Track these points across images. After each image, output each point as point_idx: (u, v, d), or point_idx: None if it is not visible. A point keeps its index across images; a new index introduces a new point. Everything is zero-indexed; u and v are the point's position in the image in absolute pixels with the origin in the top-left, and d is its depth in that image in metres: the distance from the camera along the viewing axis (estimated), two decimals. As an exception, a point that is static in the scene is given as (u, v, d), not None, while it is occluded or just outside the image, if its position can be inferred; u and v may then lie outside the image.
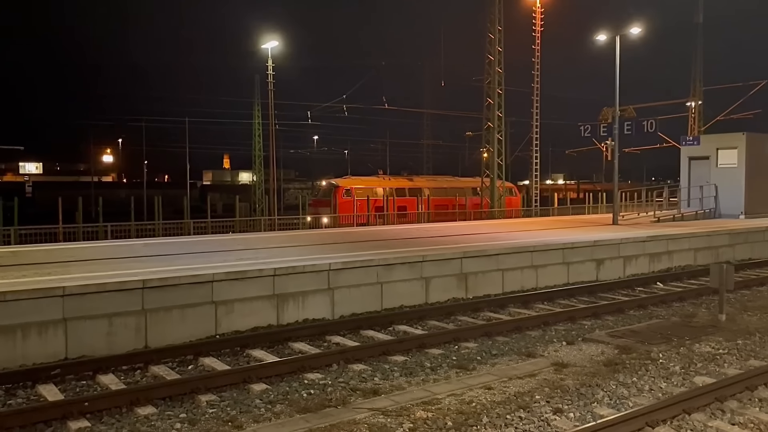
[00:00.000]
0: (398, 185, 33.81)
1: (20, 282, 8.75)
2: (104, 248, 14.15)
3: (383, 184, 33.34)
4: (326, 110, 44.09)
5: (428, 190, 34.28)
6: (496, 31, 33.81)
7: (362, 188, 32.00)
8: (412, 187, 34.05)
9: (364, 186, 32.36)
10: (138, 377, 7.68)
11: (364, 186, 32.39)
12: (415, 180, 35.68)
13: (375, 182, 33.73)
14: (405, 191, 33.41)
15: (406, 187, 33.89)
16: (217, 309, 9.62)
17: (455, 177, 39.19)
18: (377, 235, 17.38)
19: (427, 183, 35.40)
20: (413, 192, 33.51)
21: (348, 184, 32.13)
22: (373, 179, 34.82)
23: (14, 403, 6.75)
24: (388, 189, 32.84)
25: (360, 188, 31.94)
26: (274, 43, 34.15)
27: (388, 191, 32.59)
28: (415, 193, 33.33)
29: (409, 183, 34.55)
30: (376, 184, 33.25)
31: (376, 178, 35.50)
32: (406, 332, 9.88)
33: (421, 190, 34.01)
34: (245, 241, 16.08)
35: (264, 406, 6.62)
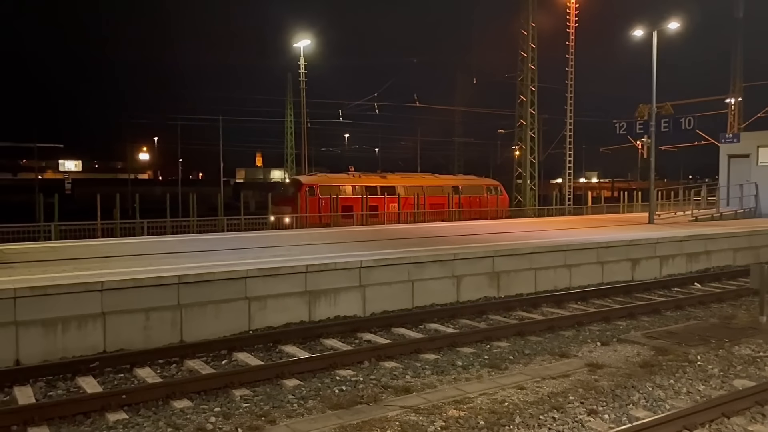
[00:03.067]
0: (369, 183, 31.23)
1: (61, 276, 8.99)
2: (141, 244, 14.44)
3: (353, 181, 30.95)
4: (358, 108, 44.20)
5: (403, 189, 31.73)
6: (530, 28, 33.43)
7: (328, 186, 29.59)
8: (385, 185, 31.58)
9: (330, 183, 29.96)
10: (174, 371, 7.81)
11: (331, 183, 30.00)
12: (388, 177, 32.92)
13: (343, 180, 31.32)
14: (377, 189, 30.89)
15: (378, 185, 31.38)
16: (251, 305, 9.73)
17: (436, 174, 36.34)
18: (409, 232, 17.37)
19: (403, 180, 32.70)
20: (386, 190, 31.05)
21: (313, 182, 29.89)
22: (342, 176, 32.61)
23: (55, 395, 6.93)
24: (358, 187, 30.35)
25: (326, 186, 29.58)
26: (307, 42, 34.35)
27: (358, 189, 30.02)
28: (388, 191, 30.86)
29: (381, 180, 32.06)
30: (344, 181, 30.88)
31: (345, 175, 33.26)
32: (438, 330, 9.85)
33: (395, 188, 31.53)
34: (278, 237, 16.22)
35: (296, 401, 6.68)
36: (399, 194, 30.90)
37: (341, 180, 31.03)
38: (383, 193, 30.43)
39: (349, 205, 28.62)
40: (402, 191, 31.35)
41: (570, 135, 37.56)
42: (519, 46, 34.83)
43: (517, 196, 37.04)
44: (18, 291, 8.00)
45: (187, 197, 29.66)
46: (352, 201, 28.91)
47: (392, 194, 30.56)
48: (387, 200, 29.89)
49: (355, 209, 28.24)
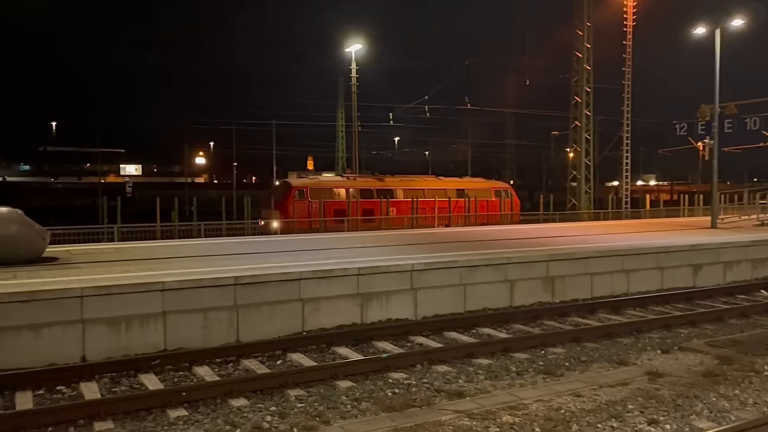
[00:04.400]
0: (364, 186, 29.39)
1: (124, 277, 9.34)
2: (198, 246, 14.85)
3: (346, 184, 29.22)
4: (408, 111, 44.25)
5: (402, 192, 29.80)
6: (585, 28, 32.77)
7: (319, 189, 27.82)
8: (381, 188, 29.56)
9: (321, 186, 28.22)
10: (231, 370, 7.99)
11: (322, 186, 28.26)
12: (386, 180, 30.84)
13: (336, 183, 29.64)
14: (372, 192, 28.89)
15: (374, 188, 29.37)
16: (304, 306, 9.86)
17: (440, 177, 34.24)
18: (461, 236, 17.26)
19: (402, 183, 30.73)
20: (383, 193, 29.00)
21: (303, 185, 28.29)
22: (335, 179, 31.03)
23: (119, 391, 7.19)
24: (353, 190, 28.48)
25: (316, 189, 27.80)
26: (358, 47, 34.65)
27: (352, 193, 28.20)
28: (385, 195, 28.88)
29: (378, 183, 30.13)
30: (337, 184, 29.23)
31: (340, 177, 31.68)
32: (491, 335, 9.75)
33: (393, 191, 29.55)
34: (330, 240, 16.40)
35: (350, 403, 6.73)
36: (397, 198, 29.10)
37: (334, 183, 29.41)
38: (380, 197, 28.55)
39: (341, 209, 27.16)
40: (401, 195, 29.57)
41: (627, 136, 36.56)
42: (574, 46, 34.15)
43: (571, 199, 36.28)
44: (84, 290, 8.35)
45: (242, 200, 30.36)
46: (345, 205, 27.35)
47: (391, 198, 28.87)
48: (384, 204, 28.24)
49: (347, 213, 26.71)
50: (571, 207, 35.97)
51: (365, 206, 27.55)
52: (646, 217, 33.28)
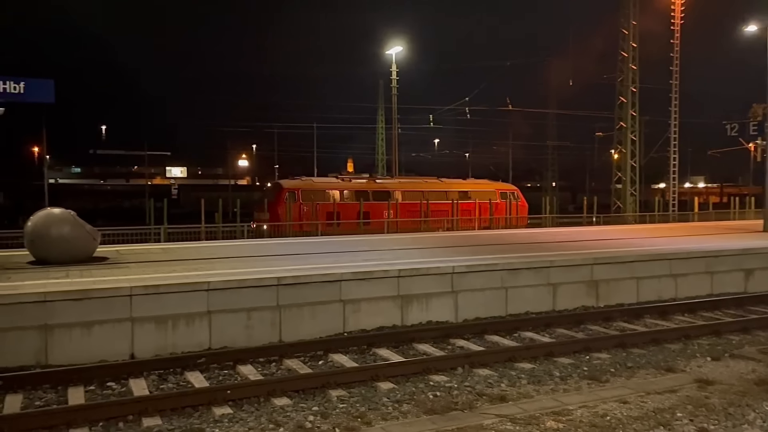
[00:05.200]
0: (359, 187, 28.24)
1: (171, 276, 9.57)
2: (241, 246, 15.11)
3: (340, 186, 28.15)
4: (448, 113, 44.08)
5: (399, 194, 28.55)
6: (631, 26, 32.08)
7: (311, 191, 26.86)
8: (378, 190, 28.41)
9: (314, 188, 27.27)
10: (273, 369, 8.09)
11: (315, 188, 27.30)
12: (384, 182, 29.91)
13: (330, 184, 28.52)
14: (368, 194, 27.69)
15: (370, 190, 28.19)
16: (345, 307, 9.92)
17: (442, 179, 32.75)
18: (501, 238, 17.11)
19: (399, 185, 29.52)
20: (379, 196, 27.89)
21: (294, 186, 27.12)
22: (329, 181, 29.91)
23: (166, 388, 7.37)
24: (347, 192, 27.55)
25: (308, 191, 26.78)
26: (399, 49, 34.70)
27: (346, 195, 27.31)
28: (382, 197, 27.77)
29: (374, 185, 28.99)
30: (331, 186, 28.10)
31: (334, 179, 30.47)
32: (533, 339, 9.63)
33: (390, 193, 28.46)
34: (370, 242, 16.47)
35: (391, 404, 6.74)
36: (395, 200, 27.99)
37: (327, 185, 28.35)
38: (376, 199, 27.42)
39: (335, 212, 26.10)
40: (399, 197, 28.44)
41: (674, 137, 35.61)
42: (619, 45, 33.47)
43: (616, 202, 35.52)
44: (134, 289, 8.59)
45: (284, 202, 30.72)
46: (339, 208, 26.33)
47: (389, 200, 27.75)
48: (380, 207, 27.05)
49: (343, 217, 25.79)
50: (615, 209, 35.22)
51: (361, 209, 26.24)
52: (695, 220, 32.32)
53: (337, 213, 26.15)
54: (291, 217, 24.70)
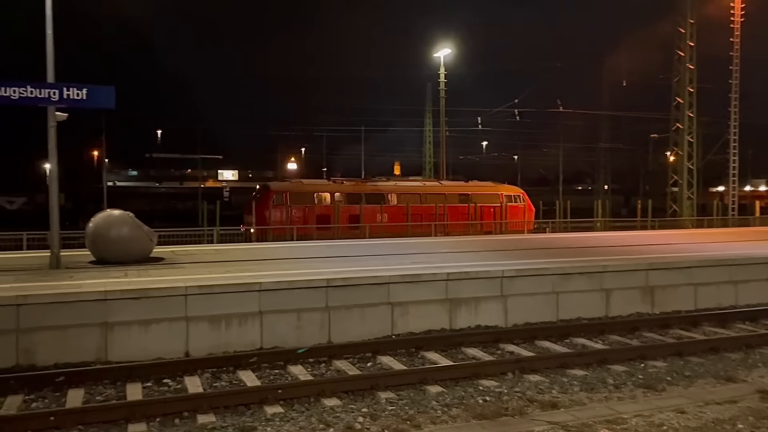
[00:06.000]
0: (351, 190, 27.15)
1: (224, 277, 9.79)
2: (292, 248, 15.33)
3: (331, 189, 27.13)
4: (497, 115, 43.65)
5: (395, 197, 27.46)
6: (688, 25, 31.08)
7: (300, 193, 25.93)
8: (371, 193, 27.21)
9: (302, 191, 26.29)
10: (323, 370, 8.17)
11: (304, 191, 26.33)
12: (378, 184, 28.63)
13: (320, 187, 27.60)
14: (361, 197, 26.52)
15: (363, 193, 26.98)
16: (393, 310, 9.94)
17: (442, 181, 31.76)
18: (552, 242, 16.82)
19: (395, 188, 28.33)
20: (372, 198, 26.73)
21: (282, 189, 26.28)
22: (319, 183, 29.14)
23: (219, 386, 7.54)
24: (338, 195, 26.45)
25: (297, 193, 25.86)
26: (447, 51, 34.58)
27: (337, 198, 26.25)
28: (375, 200, 26.67)
29: (367, 188, 27.79)
30: (321, 188, 27.15)
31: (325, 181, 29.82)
32: (585, 345, 9.42)
33: (384, 196, 27.31)
34: (418, 245, 16.44)
35: (440, 408, 6.71)
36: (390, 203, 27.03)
37: (317, 187, 27.47)
38: (369, 202, 26.38)
39: (325, 215, 25.29)
40: (394, 200, 27.39)
41: (734, 139, 34.28)
42: (675, 44, 32.46)
43: (672, 206, 34.42)
44: (189, 289, 8.83)
45: (332, 205, 31.03)
46: (330, 211, 25.38)
47: (383, 203, 26.78)
48: (373, 210, 26.09)
49: (334, 220, 24.96)
50: (671, 213, 34.14)
51: (352, 212, 25.40)
52: (756, 225, 31.02)
53: (327, 216, 25.28)
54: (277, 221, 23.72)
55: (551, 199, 40.51)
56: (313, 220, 24.57)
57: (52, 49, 11.03)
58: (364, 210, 25.55)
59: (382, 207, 26.39)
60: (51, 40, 11.02)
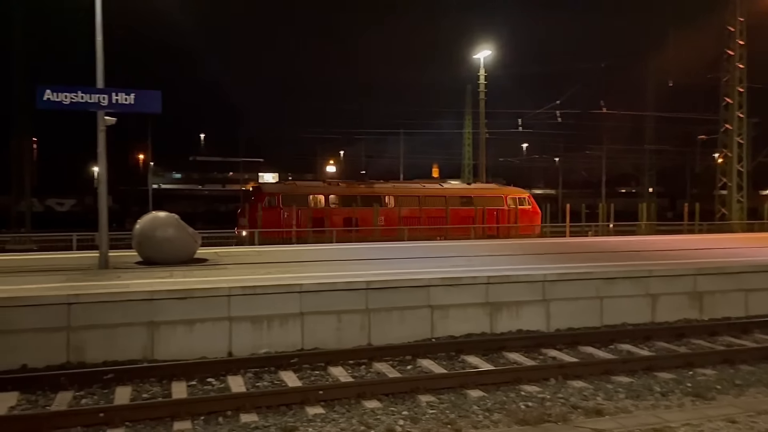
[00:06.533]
0: (347, 192, 26.41)
1: (266, 278, 9.92)
2: (332, 251, 15.44)
3: (325, 191, 26.34)
4: (538, 117, 43.09)
5: (393, 199, 26.59)
6: (737, 23, 30.12)
7: (292, 195, 25.26)
8: (367, 195, 26.39)
9: (295, 193, 25.62)
10: (363, 372, 8.19)
11: (296, 193, 25.64)
12: (375, 186, 27.77)
13: (313, 188, 26.81)
14: (356, 200, 25.88)
15: (359, 195, 26.27)
16: (433, 313, 9.90)
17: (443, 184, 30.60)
18: (595, 246, 16.51)
19: (393, 190, 27.44)
20: (368, 201, 25.95)
21: (274, 191, 25.73)
22: (314, 184, 28.22)
23: (261, 386, 7.63)
24: (333, 197, 25.72)
25: (289, 195, 25.20)
26: (487, 53, 34.30)
27: (332, 200, 25.53)
28: (370, 203, 25.86)
29: (363, 190, 26.99)
30: (314, 190, 26.34)
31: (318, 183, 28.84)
32: (630, 352, 9.20)
33: (382, 198, 26.46)
34: (457, 248, 16.36)
35: (482, 413, 6.64)
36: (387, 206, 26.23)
37: (310, 189, 26.80)
38: (365, 205, 25.72)
39: (319, 218, 24.65)
40: (391, 202, 26.54)
41: (787, 140, 33.04)
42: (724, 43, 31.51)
43: (720, 209, 33.38)
44: (232, 290, 8.97)
45: (370, 207, 31.13)
46: (323, 213, 24.83)
47: (379, 206, 26.00)
48: (368, 213, 25.38)
49: (327, 223, 24.40)
50: (720, 217, 33.11)
51: (347, 215, 24.95)
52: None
53: (321, 219, 24.75)
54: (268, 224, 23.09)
55: (594, 202, 39.77)
56: (306, 223, 23.94)
57: (101, 56, 11.38)
58: (359, 213, 25.11)
59: (379, 210, 25.69)
60: (101, 47, 11.38)
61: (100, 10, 11.38)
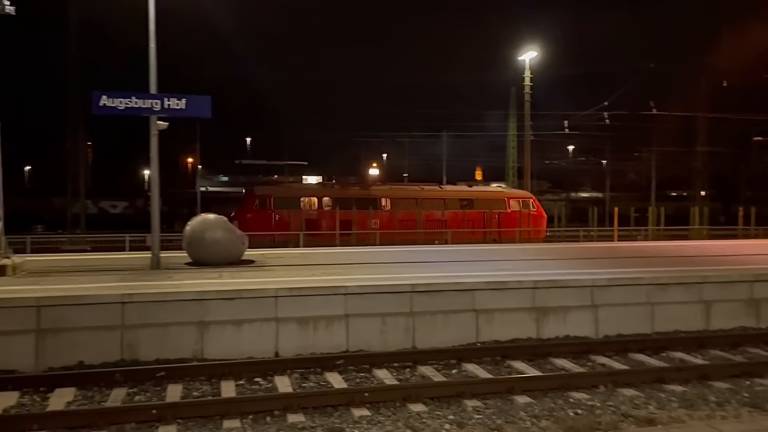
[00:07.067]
0: (341, 195, 25.82)
1: (312, 280, 10.02)
2: (375, 253, 15.49)
3: (319, 193, 25.95)
4: (585, 119, 42.28)
5: (389, 202, 25.95)
6: (797, 19, 28.91)
7: (284, 198, 24.87)
8: (363, 197, 25.82)
9: (288, 195, 25.23)
10: (408, 375, 8.18)
11: (289, 195, 25.26)
12: (370, 189, 27.19)
13: (307, 190, 26.50)
14: (351, 202, 25.18)
15: (354, 198, 25.64)
16: (478, 317, 9.81)
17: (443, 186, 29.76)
18: (647, 251, 16.09)
19: (390, 192, 26.71)
20: (363, 203, 25.35)
21: (266, 193, 25.16)
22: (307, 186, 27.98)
23: (307, 386, 7.70)
24: (326, 199, 25.27)
25: (282, 198, 24.80)
26: (533, 54, 33.84)
27: (325, 202, 25.12)
28: (366, 205, 25.30)
29: (358, 192, 26.41)
30: (308, 193, 25.95)
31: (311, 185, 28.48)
32: (683, 360, 8.93)
33: (377, 201, 25.82)
34: (501, 251, 16.19)
35: (529, 419, 6.55)
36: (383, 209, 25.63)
37: (303, 191, 26.35)
38: (360, 207, 25.11)
39: (312, 220, 24.13)
40: (387, 205, 25.88)
41: None
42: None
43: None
44: (279, 291, 9.10)
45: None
46: (317, 216, 24.35)
47: (374, 209, 25.35)
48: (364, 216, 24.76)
49: (321, 227, 23.95)
50: (776, 221, 31.80)
51: (342, 218, 24.26)
52: None
53: (314, 222, 24.33)
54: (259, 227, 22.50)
55: (643, 205, 38.78)
56: (299, 226, 23.48)
57: (154, 62, 11.72)
58: (354, 216, 24.59)
59: (374, 213, 25.19)
60: (154, 54, 11.72)
61: (153, 18, 11.72)
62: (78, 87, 36.71)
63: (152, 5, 11.68)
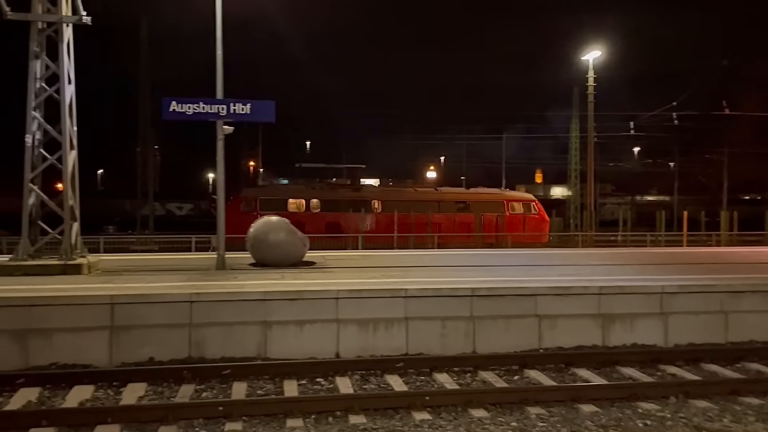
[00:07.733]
0: (331, 197, 25.42)
1: (372, 282, 10.07)
2: (433, 256, 15.43)
3: (307, 195, 25.45)
4: (652, 119, 40.85)
5: (380, 204, 25.47)
6: None
7: (270, 199, 24.51)
8: (353, 200, 25.35)
9: (273, 197, 24.91)
10: (468, 380, 8.10)
11: (275, 197, 24.94)
12: (362, 190, 26.70)
13: (294, 192, 25.94)
14: (340, 204, 24.83)
15: (343, 200, 25.24)
16: (541, 323, 9.62)
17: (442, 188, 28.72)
18: (719, 257, 15.39)
19: (381, 194, 26.27)
20: (355, 205, 24.82)
21: (251, 195, 24.95)
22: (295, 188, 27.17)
23: (368, 388, 7.74)
24: (314, 201, 24.86)
25: (267, 199, 24.43)
26: (597, 53, 32.98)
27: (313, 204, 24.67)
28: (356, 207, 24.73)
29: (349, 194, 25.92)
30: (295, 194, 25.48)
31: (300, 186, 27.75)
32: (760, 372, 8.49)
33: (368, 203, 25.36)
34: (563, 256, 15.82)
35: (595, 428, 6.38)
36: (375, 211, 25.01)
37: (291, 193, 25.78)
38: (350, 209, 24.54)
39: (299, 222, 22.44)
40: (378, 207, 25.21)
41: None
42: None
43: None
44: (339, 293, 9.19)
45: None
46: (305, 219, 23.57)
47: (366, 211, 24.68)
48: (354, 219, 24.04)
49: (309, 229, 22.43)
50: None
51: (331, 220, 23.99)
52: None
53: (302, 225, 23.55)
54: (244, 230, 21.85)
55: (713, 209, 37.14)
56: None
57: (221, 68, 12.06)
58: (343, 218, 24.20)
59: (365, 215, 24.81)
60: (221, 60, 12.06)
61: (221, 26, 12.07)
62: (148, 93, 38.25)
63: (219, 13, 12.02)
